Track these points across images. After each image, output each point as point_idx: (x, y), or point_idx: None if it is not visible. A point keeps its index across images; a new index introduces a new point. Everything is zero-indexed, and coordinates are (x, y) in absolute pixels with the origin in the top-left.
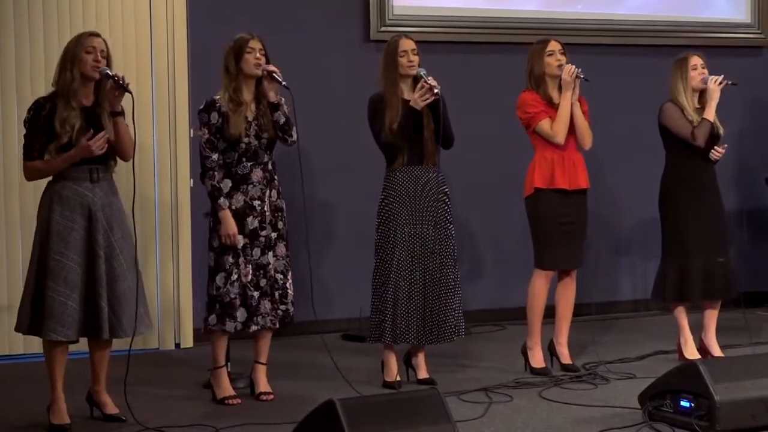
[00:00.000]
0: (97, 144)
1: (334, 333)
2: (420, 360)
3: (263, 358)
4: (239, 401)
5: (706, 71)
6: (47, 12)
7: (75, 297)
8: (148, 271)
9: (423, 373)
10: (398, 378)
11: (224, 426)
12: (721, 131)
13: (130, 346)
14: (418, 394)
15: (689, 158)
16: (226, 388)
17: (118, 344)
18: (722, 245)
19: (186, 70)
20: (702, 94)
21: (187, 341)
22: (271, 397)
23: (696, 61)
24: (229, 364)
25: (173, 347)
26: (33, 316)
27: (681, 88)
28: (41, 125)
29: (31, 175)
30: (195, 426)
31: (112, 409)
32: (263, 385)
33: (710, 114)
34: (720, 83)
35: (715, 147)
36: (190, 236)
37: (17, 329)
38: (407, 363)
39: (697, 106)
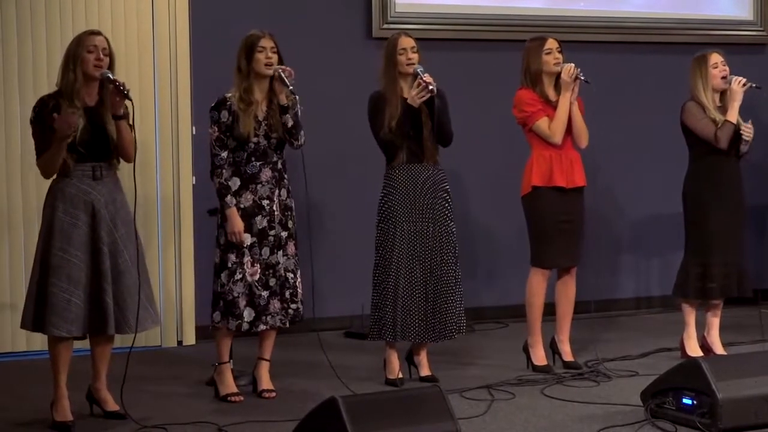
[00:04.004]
0: (60, 122)
1: (337, 330)
2: (422, 357)
3: (267, 355)
4: (242, 398)
5: (727, 69)
6: (49, 10)
7: (79, 293)
8: (151, 269)
9: (425, 371)
10: (400, 375)
11: (226, 423)
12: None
13: (133, 343)
14: (421, 391)
15: (712, 155)
16: (228, 385)
17: (120, 341)
18: (740, 244)
19: (188, 67)
20: (723, 92)
21: (190, 339)
22: (274, 395)
23: (716, 59)
24: (231, 361)
25: (176, 345)
26: (36, 312)
27: (701, 86)
28: (47, 122)
29: (42, 171)
30: (197, 423)
31: (112, 406)
32: (266, 382)
33: (733, 116)
34: (744, 85)
35: (743, 125)
36: (193, 234)
37: (22, 326)
38: (409, 360)
39: (719, 104)
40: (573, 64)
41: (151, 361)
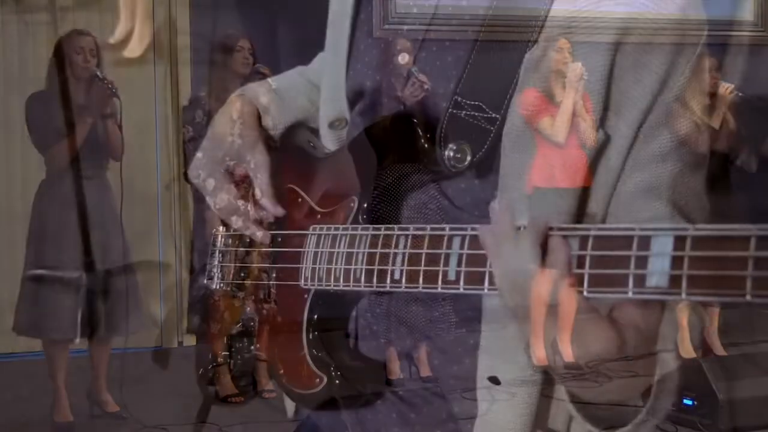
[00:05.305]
0: (94, 93)
1: (337, 331)
2: (422, 357)
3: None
4: (242, 399)
5: (719, 74)
6: (51, 8)
7: (71, 295)
8: (151, 270)
9: (425, 371)
10: (401, 375)
11: (227, 423)
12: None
13: (125, 343)
14: (421, 391)
15: None
16: (228, 386)
17: (120, 342)
18: None
19: (189, 66)
20: (713, 94)
21: (190, 339)
22: (274, 394)
23: (712, 63)
24: (231, 362)
25: (176, 345)
26: (30, 316)
27: (694, 88)
28: (43, 116)
29: (54, 162)
30: (197, 423)
31: (112, 407)
32: (265, 382)
33: (716, 122)
34: (731, 92)
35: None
36: (193, 234)
37: (14, 329)
38: (409, 360)
39: (707, 102)
40: (579, 64)
41: (152, 361)
